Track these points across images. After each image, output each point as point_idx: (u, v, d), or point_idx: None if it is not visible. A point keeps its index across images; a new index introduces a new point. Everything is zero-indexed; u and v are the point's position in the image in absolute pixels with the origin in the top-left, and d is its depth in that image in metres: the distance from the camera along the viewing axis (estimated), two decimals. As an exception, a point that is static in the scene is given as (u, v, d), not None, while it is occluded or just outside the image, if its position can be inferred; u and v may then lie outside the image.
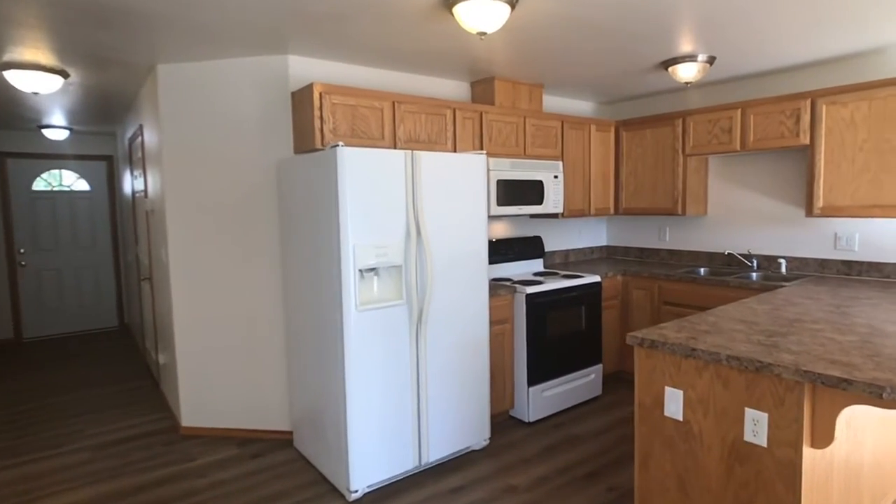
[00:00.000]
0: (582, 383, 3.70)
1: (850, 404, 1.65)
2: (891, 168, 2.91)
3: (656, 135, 4.02)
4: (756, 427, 1.81)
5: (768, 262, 3.73)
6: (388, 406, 2.68)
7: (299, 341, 2.99)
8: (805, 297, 2.74)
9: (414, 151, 2.71)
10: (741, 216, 3.89)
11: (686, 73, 3.24)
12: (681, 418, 2.03)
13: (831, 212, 3.14)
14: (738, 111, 3.52)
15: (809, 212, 3.24)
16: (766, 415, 1.79)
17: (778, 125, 3.34)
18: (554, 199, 3.84)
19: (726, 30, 2.74)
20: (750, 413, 1.83)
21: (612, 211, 4.34)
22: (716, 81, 3.87)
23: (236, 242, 3.24)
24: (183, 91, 3.20)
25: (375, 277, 2.66)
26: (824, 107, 3.12)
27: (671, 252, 4.33)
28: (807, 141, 3.22)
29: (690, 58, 3.17)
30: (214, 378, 3.33)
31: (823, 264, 3.47)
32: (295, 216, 2.92)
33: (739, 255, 3.85)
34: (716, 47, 3.03)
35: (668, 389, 2.06)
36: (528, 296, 3.34)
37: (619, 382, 4.11)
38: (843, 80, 3.30)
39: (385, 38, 2.84)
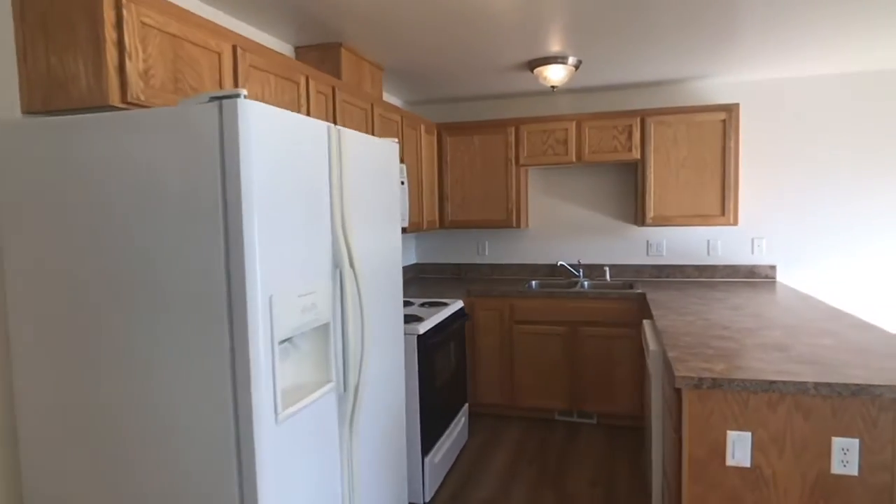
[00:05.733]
0: (457, 431, 3.08)
1: (927, 412, 1.63)
2: (706, 183, 3.35)
3: (486, 142, 3.75)
4: (846, 456, 1.64)
5: (591, 270, 3.90)
6: (327, 569, 1.53)
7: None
8: (690, 303, 2.86)
9: (338, 127, 1.64)
10: (563, 228, 3.97)
11: (555, 74, 3.04)
12: (749, 465, 1.71)
13: (661, 221, 3.44)
14: (574, 123, 3.55)
15: (642, 222, 3.48)
16: (857, 440, 1.63)
17: (611, 139, 3.49)
18: (402, 211, 3.11)
19: (596, 34, 2.63)
20: (839, 442, 1.64)
21: (437, 224, 3.85)
22: (545, 92, 3.85)
23: None
24: None
25: (291, 349, 1.49)
26: (653, 125, 3.40)
27: (492, 267, 4.13)
28: (638, 156, 3.45)
29: (561, 59, 2.98)
30: None
31: (639, 270, 3.82)
32: (62, 247, 1.41)
33: (569, 265, 3.91)
34: (584, 52, 2.92)
35: (731, 434, 1.72)
36: (420, 337, 2.55)
37: (473, 418, 3.64)
38: (668, 101, 3.69)
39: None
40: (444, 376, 2.87)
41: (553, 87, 3.13)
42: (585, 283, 3.78)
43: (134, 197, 1.33)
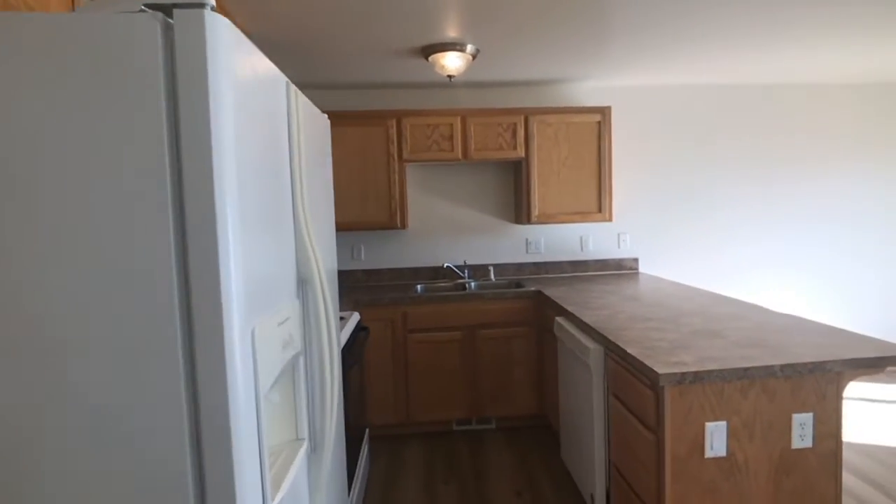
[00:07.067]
0: (364, 462, 2.67)
1: (849, 382, 1.81)
2: (584, 180, 3.48)
3: (364, 135, 3.37)
4: (803, 430, 1.74)
5: (475, 270, 3.79)
6: None
7: None
8: (589, 297, 2.91)
9: (293, 86, 1.20)
10: (444, 228, 3.78)
11: (452, 63, 2.83)
12: (724, 453, 1.72)
13: (545, 219, 3.48)
14: (459, 118, 3.39)
15: (527, 220, 3.48)
16: (811, 414, 1.74)
17: (497, 137, 3.42)
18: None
19: (492, 20, 2.52)
20: (797, 418, 1.73)
21: (309, 227, 3.34)
22: (431, 84, 3.61)
23: None
24: None
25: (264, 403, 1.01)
26: (536, 124, 3.42)
27: (368, 272, 3.76)
28: (523, 154, 3.44)
29: (459, 46, 2.80)
30: None
31: (519, 268, 3.82)
32: None
33: (455, 266, 3.74)
34: (480, 40, 2.78)
35: (709, 425, 1.70)
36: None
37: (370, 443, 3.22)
38: (549, 101, 3.73)
39: None
40: (352, 402, 2.44)
41: (450, 76, 2.92)
42: (472, 283, 3.65)
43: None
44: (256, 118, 0.93)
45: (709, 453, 1.71)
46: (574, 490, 2.62)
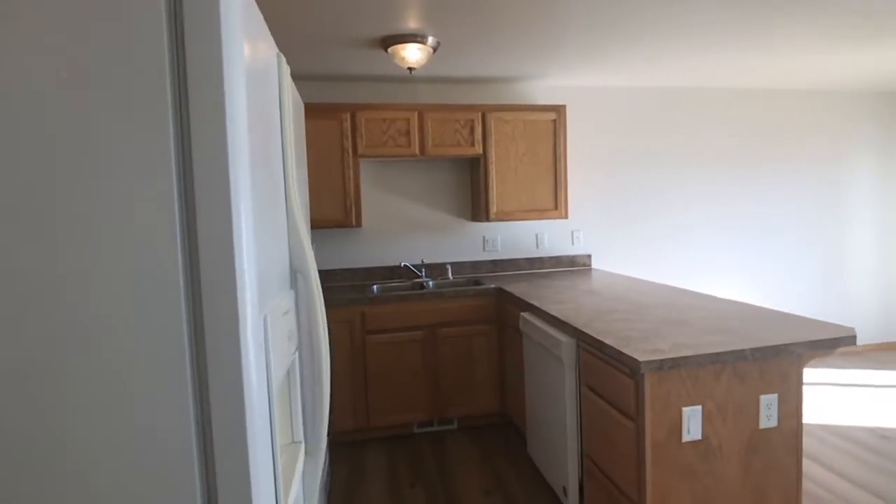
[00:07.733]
0: (325, 470, 2.54)
1: (807, 363, 1.91)
2: (540, 178, 3.53)
3: (317, 128, 3.24)
4: (769, 410, 1.82)
5: (432, 269, 3.73)
6: None
7: None
8: (551, 293, 2.93)
9: (280, 55, 1.11)
10: (399, 226, 3.70)
11: (413, 55, 2.78)
12: (700, 437, 1.76)
13: (503, 216, 3.48)
14: (416, 114, 3.33)
15: (486, 217, 3.47)
16: (776, 395, 1.82)
17: (454, 133, 3.39)
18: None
19: (454, 15, 2.51)
20: (765, 399, 1.81)
21: (259, 226, 3.17)
22: (396, 78, 3.53)
23: None
24: None
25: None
26: (493, 121, 3.42)
27: (321, 273, 3.61)
28: (480, 151, 3.43)
29: (420, 38, 2.74)
30: None
31: (476, 266, 3.81)
32: None
33: (412, 265, 3.66)
34: (442, 31, 2.75)
35: (686, 410, 1.74)
36: (303, 361, 1.99)
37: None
38: (504, 99, 3.75)
39: None
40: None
41: (410, 69, 2.85)
42: (430, 282, 3.59)
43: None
44: (260, 96, 0.84)
45: (686, 437, 1.75)
46: (543, 484, 2.62)
